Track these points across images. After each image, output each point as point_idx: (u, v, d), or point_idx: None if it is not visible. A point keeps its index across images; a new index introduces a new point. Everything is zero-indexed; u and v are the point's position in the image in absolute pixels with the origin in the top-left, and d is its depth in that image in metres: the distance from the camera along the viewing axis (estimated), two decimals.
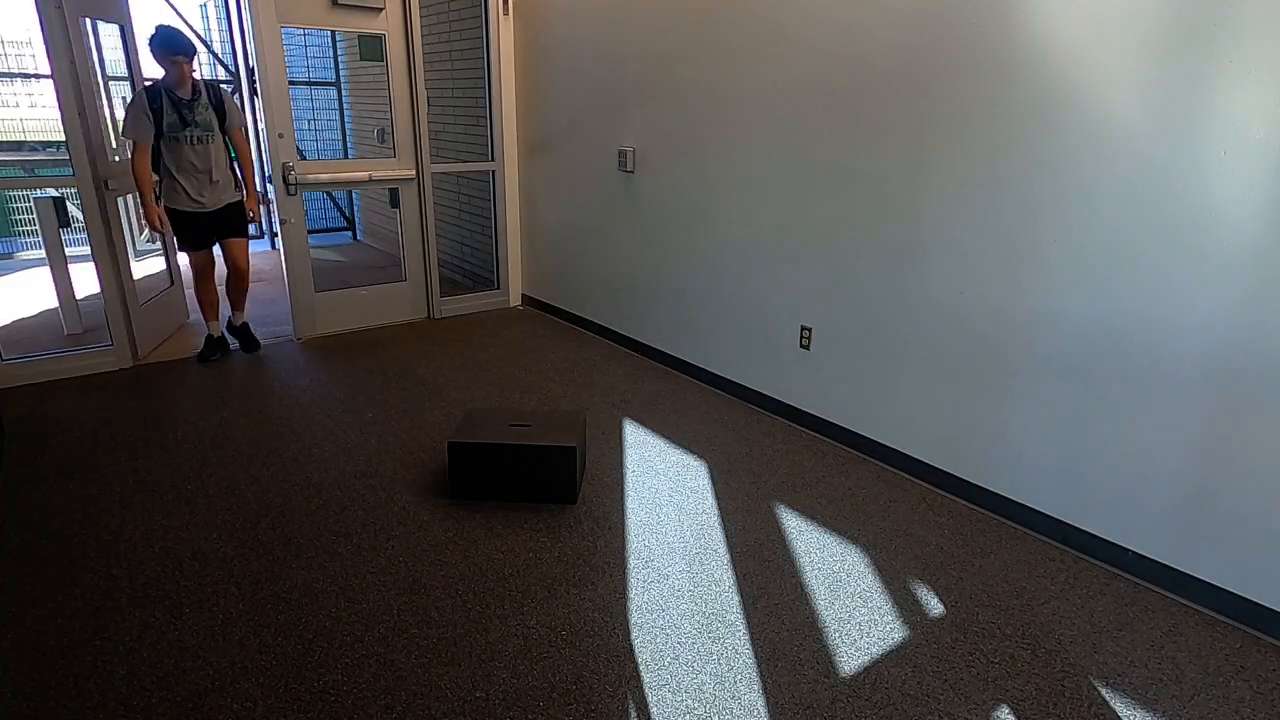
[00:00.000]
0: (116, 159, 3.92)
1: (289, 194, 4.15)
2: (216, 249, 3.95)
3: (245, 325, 4.22)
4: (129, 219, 4.37)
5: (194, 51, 3.57)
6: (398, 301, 4.82)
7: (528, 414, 2.80)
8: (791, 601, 2.17)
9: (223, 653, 1.92)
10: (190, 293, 4.36)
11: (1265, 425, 1.97)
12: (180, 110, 3.56)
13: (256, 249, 6.18)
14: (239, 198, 3.90)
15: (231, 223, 3.90)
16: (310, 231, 4.55)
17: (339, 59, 7.29)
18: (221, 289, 4.10)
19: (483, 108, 4.90)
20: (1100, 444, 2.31)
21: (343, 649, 1.94)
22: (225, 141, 3.78)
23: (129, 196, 4.16)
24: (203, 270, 3.93)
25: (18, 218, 7.22)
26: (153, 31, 3.45)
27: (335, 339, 4.46)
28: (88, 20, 3.61)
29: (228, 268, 4.02)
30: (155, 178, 3.70)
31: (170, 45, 3.49)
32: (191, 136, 3.60)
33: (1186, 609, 2.16)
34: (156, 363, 3.99)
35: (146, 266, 4.52)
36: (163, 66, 3.53)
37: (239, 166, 3.88)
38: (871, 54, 2.70)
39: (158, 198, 3.72)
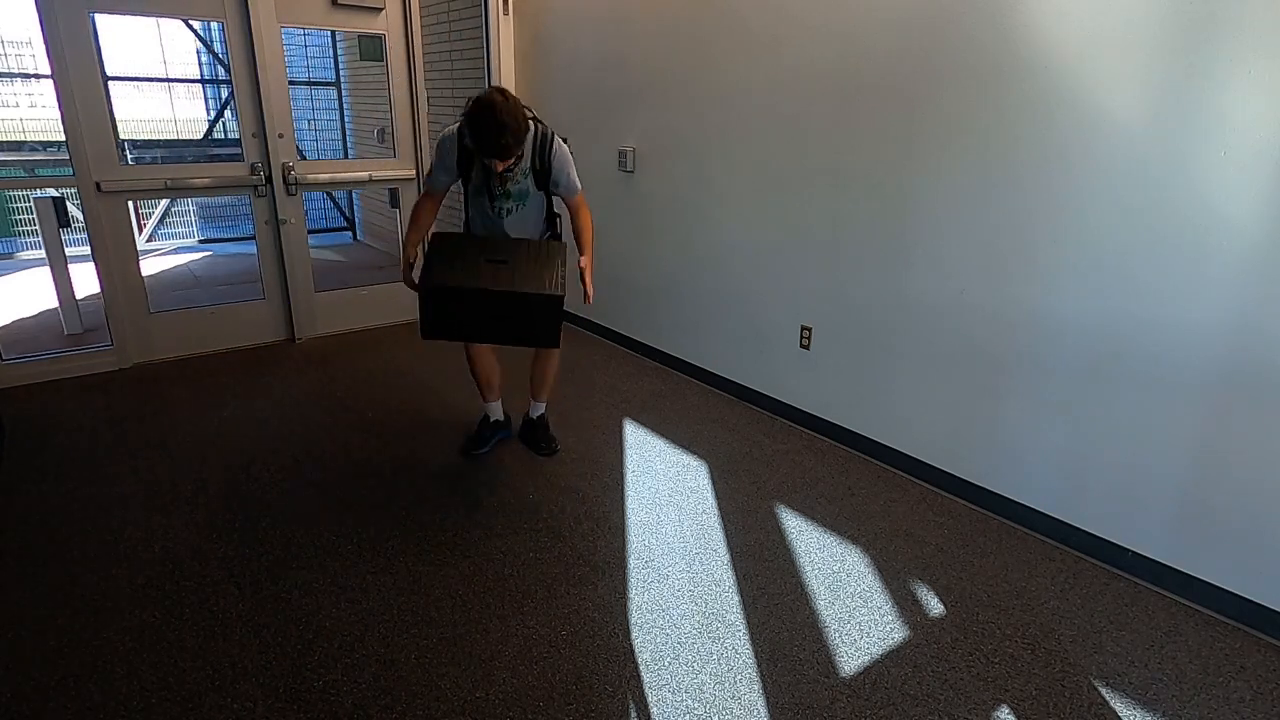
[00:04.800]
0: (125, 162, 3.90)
1: (289, 194, 4.15)
2: None
3: (543, 419, 3.11)
4: (135, 218, 4.35)
5: (515, 150, 2.43)
6: (398, 301, 4.81)
7: (502, 246, 2.53)
8: (791, 601, 2.17)
9: (223, 653, 1.92)
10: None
11: (1265, 425, 1.97)
12: (489, 179, 2.61)
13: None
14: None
15: None
16: (310, 231, 4.55)
17: (339, 59, 7.29)
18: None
19: None
20: (1100, 444, 2.31)
21: (343, 649, 1.94)
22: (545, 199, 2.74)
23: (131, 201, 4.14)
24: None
25: (18, 218, 7.22)
26: (472, 109, 2.36)
27: (335, 339, 4.46)
28: (94, 17, 3.56)
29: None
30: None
31: (486, 146, 2.38)
32: (498, 208, 2.68)
33: (1186, 609, 2.16)
34: (157, 362, 3.98)
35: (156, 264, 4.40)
36: None
37: (576, 230, 2.75)
38: (869, 56, 2.70)
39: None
